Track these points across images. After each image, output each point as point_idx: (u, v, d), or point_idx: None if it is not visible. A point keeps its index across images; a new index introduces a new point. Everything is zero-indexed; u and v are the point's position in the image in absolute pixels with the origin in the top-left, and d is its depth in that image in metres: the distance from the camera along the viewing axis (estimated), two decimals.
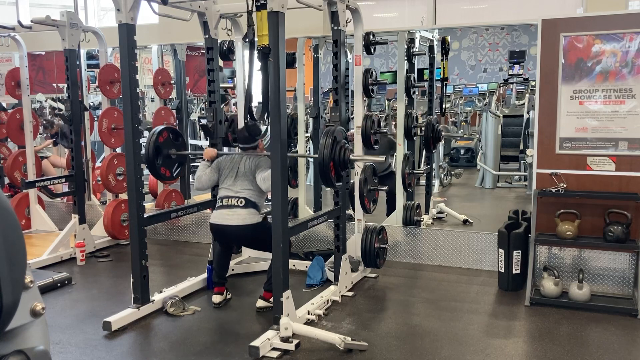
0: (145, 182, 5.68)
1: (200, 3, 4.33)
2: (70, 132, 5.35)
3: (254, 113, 3.66)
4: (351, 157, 3.85)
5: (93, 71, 7.68)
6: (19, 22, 5.74)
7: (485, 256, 4.79)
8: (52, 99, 8.43)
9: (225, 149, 4.64)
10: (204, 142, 9.13)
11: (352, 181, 4.58)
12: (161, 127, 4.34)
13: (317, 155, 3.73)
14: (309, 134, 7.26)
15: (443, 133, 6.31)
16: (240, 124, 4.56)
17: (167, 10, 4.09)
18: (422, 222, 5.82)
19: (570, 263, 4.25)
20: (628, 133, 4.04)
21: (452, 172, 9.22)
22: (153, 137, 4.19)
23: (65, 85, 5.31)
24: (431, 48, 6.32)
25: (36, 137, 6.49)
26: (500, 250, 4.33)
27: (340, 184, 4.04)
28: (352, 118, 4.56)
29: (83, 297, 4.37)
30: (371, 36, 4.64)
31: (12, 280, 0.98)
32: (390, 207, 5.87)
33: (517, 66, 10.12)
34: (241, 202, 3.92)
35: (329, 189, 7.80)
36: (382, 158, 4.06)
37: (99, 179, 5.85)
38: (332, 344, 3.27)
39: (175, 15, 4.37)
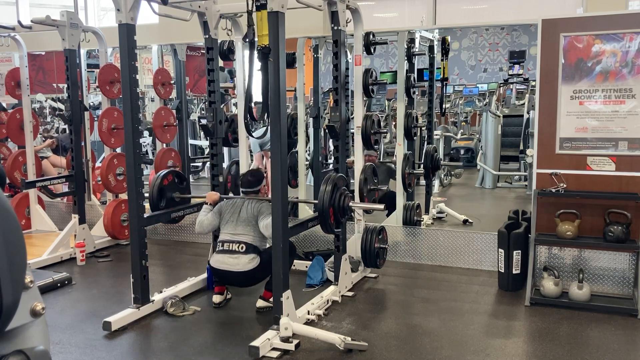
0: (145, 182, 5.67)
1: (200, 3, 4.33)
2: (71, 132, 5.35)
3: (254, 113, 3.66)
4: (351, 204, 3.88)
5: (93, 71, 7.68)
6: (19, 22, 5.74)
7: (485, 256, 4.79)
8: (52, 99, 8.44)
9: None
10: (204, 142, 9.15)
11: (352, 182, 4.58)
12: (166, 170, 4.47)
13: (317, 201, 3.78)
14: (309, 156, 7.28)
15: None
16: (241, 124, 4.56)
17: (167, 10, 4.09)
18: (422, 222, 5.82)
19: (570, 263, 4.25)
20: (628, 133, 4.04)
21: (452, 172, 9.22)
22: (158, 180, 4.30)
23: (65, 85, 5.31)
24: (431, 48, 6.32)
25: (36, 137, 6.49)
26: (500, 250, 4.33)
27: (340, 230, 4.07)
28: (352, 118, 4.56)
29: (83, 297, 4.37)
30: (371, 36, 4.64)
31: (12, 280, 0.98)
32: (390, 207, 5.87)
33: (517, 66, 10.12)
34: (242, 248, 3.90)
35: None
36: (381, 206, 4.06)
37: (99, 179, 5.85)
38: (332, 344, 3.27)
39: (175, 15, 4.37)
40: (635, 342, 3.45)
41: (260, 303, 3.93)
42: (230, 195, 4.55)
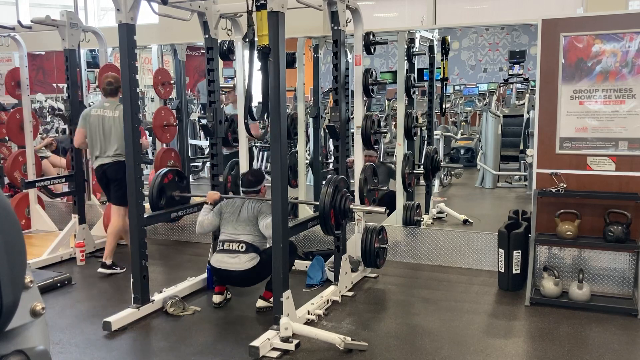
0: (145, 182, 5.67)
1: (200, 3, 4.33)
2: (71, 132, 5.35)
3: (254, 113, 3.66)
4: (352, 206, 3.88)
5: (93, 71, 7.68)
6: (19, 22, 5.74)
7: (485, 256, 4.79)
8: (52, 99, 8.44)
9: (229, 194, 4.59)
10: (204, 142, 9.15)
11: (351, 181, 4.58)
12: (166, 169, 4.50)
13: (317, 203, 3.79)
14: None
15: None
16: (241, 123, 4.56)
17: (167, 10, 4.09)
18: (422, 222, 5.82)
19: (570, 263, 4.25)
20: (628, 133, 4.04)
21: (452, 172, 9.21)
22: (158, 178, 4.33)
23: (65, 85, 5.31)
24: (431, 48, 6.31)
25: (36, 137, 6.49)
26: (500, 250, 4.33)
27: (340, 232, 4.07)
28: (352, 118, 4.56)
29: (83, 297, 4.37)
30: (371, 36, 4.64)
31: (12, 280, 0.98)
32: (391, 207, 5.87)
33: (517, 66, 10.12)
34: (242, 247, 3.89)
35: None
36: (381, 209, 4.07)
37: None
38: (332, 344, 3.27)
39: (175, 15, 4.37)
40: (635, 342, 3.45)
41: (260, 303, 3.93)
42: (231, 195, 4.55)
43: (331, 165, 8.23)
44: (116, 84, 4.77)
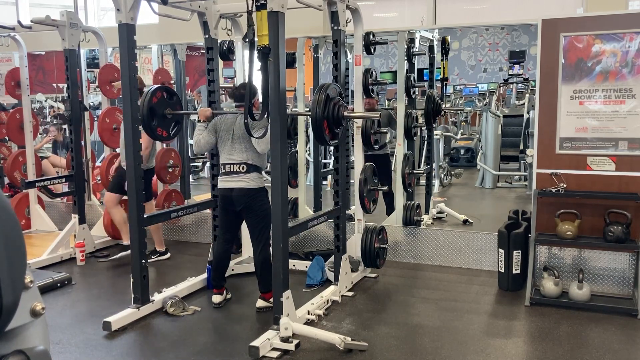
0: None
1: (200, 3, 4.33)
2: (71, 132, 5.35)
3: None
4: (345, 113, 3.77)
5: (93, 71, 7.68)
6: (19, 22, 5.74)
7: (485, 256, 4.79)
8: (52, 99, 8.44)
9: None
10: None
11: (352, 181, 4.59)
12: (154, 86, 4.26)
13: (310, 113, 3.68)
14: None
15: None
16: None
17: (167, 10, 4.09)
18: (422, 222, 5.82)
19: (570, 263, 4.25)
20: (628, 133, 4.04)
21: (452, 172, 9.21)
22: (147, 98, 4.10)
23: (65, 85, 5.31)
24: (431, 48, 6.31)
25: (36, 137, 6.49)
26: (500, 250, 4.33)
27: (336, 141, 3.97)
28: None
29: (83, 297, 4.37)
30: (371, 36, 4.64)
31: (12, 280, 0.98)
32: (390, 207, 5.87)
33: (517, 66, 10.12)
34: (243, 168, 3.91)
35: (328, 189, 7.82)
36: (377, 115, 3.99)
37: (99, 179, 5.85)
38: (332, 344, 3.27)
39: (175, 15, 4.37)
40: (635, 342, 3.45)
41: (260, 303, 3.94)
42: (223, 110, 4.48)
43: (331, 165, 8.24)
44: None
